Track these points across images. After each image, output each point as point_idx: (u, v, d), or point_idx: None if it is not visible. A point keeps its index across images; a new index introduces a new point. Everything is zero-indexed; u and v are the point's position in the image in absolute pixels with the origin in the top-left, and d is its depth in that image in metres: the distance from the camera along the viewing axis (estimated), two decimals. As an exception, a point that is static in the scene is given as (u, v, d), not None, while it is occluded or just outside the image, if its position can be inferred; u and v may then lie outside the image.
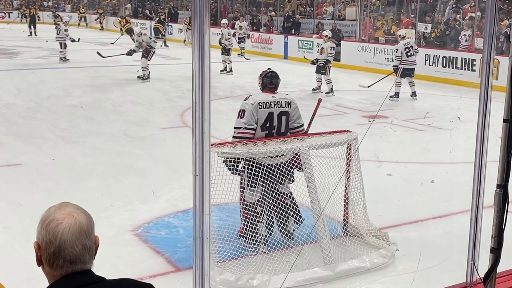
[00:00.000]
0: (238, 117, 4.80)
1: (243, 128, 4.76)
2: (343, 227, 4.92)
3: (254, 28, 23.11)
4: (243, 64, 16.97)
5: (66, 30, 17.86)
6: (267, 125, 4.80)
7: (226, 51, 16.65)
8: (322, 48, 13.28)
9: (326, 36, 13.59)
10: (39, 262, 1.62)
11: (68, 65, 17.37)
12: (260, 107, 4.76)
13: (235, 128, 4.82)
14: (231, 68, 16.53)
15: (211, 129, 2.57)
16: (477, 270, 3.48)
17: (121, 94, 12.72)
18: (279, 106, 4.81)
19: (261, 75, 5.07)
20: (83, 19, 34.82)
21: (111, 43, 22.57)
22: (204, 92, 2.41)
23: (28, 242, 2.04)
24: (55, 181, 6.63)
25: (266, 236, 4.69)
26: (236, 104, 6.81)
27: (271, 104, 4.79)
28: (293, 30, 21.32)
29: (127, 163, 7.40)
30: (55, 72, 15.98)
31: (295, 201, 4.78)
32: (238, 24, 21.12)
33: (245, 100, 4.86)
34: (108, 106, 11.37)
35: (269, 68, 5.16)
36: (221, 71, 16.43)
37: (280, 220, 4.74)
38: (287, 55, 20.21)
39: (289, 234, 4.71)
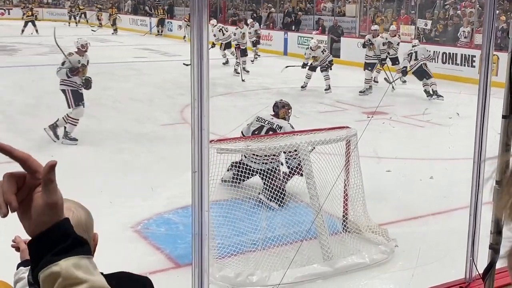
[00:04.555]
0: None
1: None
2: (343, 223, 4.94)
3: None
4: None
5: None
6: (256, 133, 6.06)
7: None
8: (318, 46, 12.99)
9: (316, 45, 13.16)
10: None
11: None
12: (257, 120, 6.24)
13: None
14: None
15: (210, 126, 2.57)
16: (476, 266, 3.49)
17: (121, 91, 12.71)
18: (270, 125, 6.12)
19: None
20: (83, 15, 34.75)
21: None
22: (203, 89, 2.41)
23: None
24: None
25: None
26: (236, 101, 6.85)
27: (265, 121, 6.18)
28: (293, 27, 21.31)
29: (127, 159, 7.41)
30: (55, 69, 15.92)
31: (281, 183, 5.28)
32: (240, 31, 15.86)
33: None
34: (108, 103, 11.35)
35: (281, 99, 6.74)
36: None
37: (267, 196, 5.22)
38: (287, 51, 20.19)
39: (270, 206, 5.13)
